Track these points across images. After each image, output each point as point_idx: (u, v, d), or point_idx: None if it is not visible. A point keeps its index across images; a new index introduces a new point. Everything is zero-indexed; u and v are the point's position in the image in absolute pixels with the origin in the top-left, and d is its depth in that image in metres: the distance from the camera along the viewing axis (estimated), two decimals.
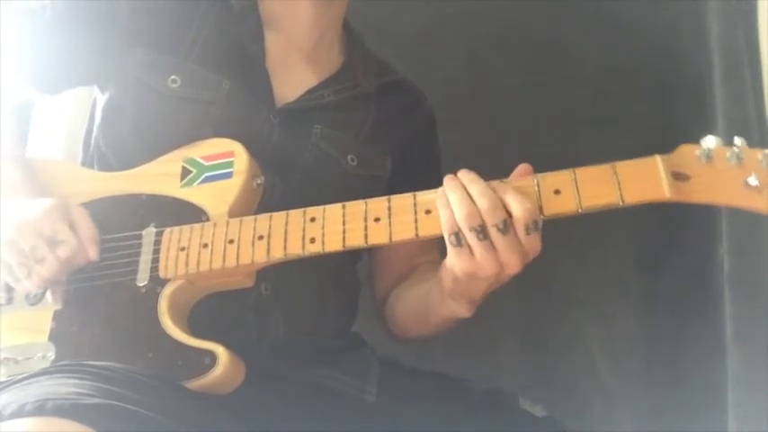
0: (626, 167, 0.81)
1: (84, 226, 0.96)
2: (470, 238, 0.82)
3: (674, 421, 1.46)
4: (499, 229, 0.81)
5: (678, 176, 0.79)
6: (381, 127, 1.17)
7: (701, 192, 0.78)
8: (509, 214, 0.81)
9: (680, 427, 1.42)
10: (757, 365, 1.05)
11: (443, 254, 0.87)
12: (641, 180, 0.79)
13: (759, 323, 1.05)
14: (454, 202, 0.83)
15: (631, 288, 1.63)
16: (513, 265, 0.83)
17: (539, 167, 0.85)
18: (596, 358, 1.61)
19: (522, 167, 0.87)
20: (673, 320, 1.53)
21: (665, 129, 1.53)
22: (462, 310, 0.95)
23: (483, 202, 0.81)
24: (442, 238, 0.91)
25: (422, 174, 1.09)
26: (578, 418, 1.53)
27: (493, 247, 0.82)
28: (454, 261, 0.85)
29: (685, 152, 0.80)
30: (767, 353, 1.04)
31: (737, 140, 0.79)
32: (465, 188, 0.83)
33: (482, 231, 0.81)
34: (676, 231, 1.49)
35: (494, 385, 1.13)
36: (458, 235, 0.83)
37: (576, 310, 1.64)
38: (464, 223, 0.82)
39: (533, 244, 0.82)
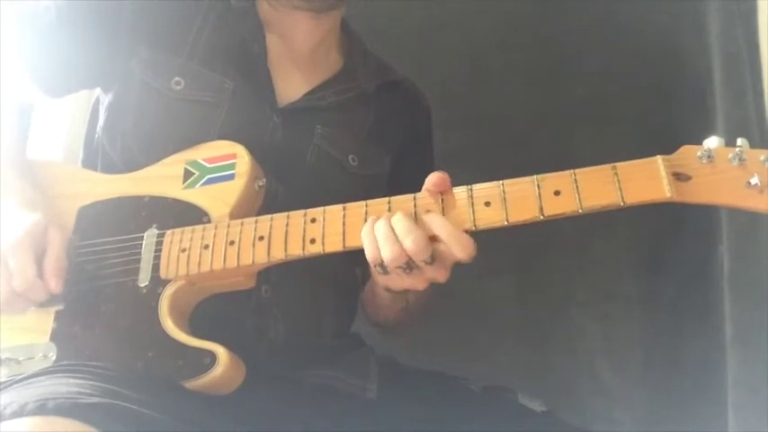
0: (627, 168, 0.80)
1: (51, 256, 0.93)
2: (397, 273, 0.84)
3: (673, 421, 1.46)
4: (427, 263, 0.83)
5: (679, 177, 0.78)
6: (381, 126, 1.18)
7: (703, 192, 0.78)
8: (436, 237, 0.83)
9: (680, 427, 1.42)
10: (757, 366, 1.04)
11: None
12: (642, 180, 0.79)
13: (759, 323, 1.05)
14: (381, 239, 0.83)
15: (631, 288, 1.63)
16: (442, 277, 0.85)
17: (538, 167, 0.85)
18: (596, 358, 1.62)
19: (437, 177, 0.87)
20: (673, 320, 1.54)
21: (665, 129, 1.53)
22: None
23: (410, 246, 0.81)
24: None
25: (417, 171, 1.10)
26: (578, 418, 1.54)
27: (421, 271, 0.84)
28: (386, 282, 0.88)
29: (687, 153, 0.80)
30: (767, 354, 1.03)
31: (740, 141, 0.78)
32: (392, 228, 0.83)
33: (408, 267, 0.83)
34: (676, 232, 1.49)
35: (493, 383, 1.13)
36: (383, 265, 0.84)
37: (575, 310, 1.65)
38: (390, 264, 0.83)
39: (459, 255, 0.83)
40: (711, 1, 1.23)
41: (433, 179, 0.87)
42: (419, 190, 0.88)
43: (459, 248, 0.82)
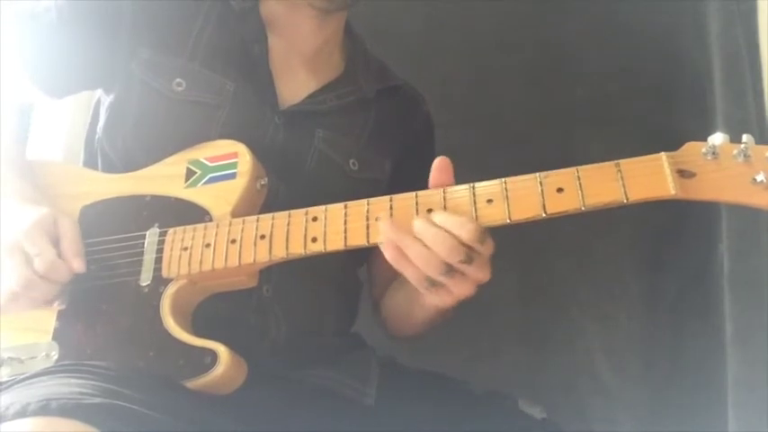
0: (630, 165, 0.79)
1: (68, 239, 0.94)
2: (444, 279, 0.83)
3: (674, 421, 1.46)
4: (464, 262, 0.82)
5: (684, 174, 0.77)
6: (381, 131, 1.18)
7: (707, 189, 0.77)
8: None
9: (680, 427, 1.42)
10: (757, 365, 1.04)
11: None
12: (646, 177, 0.78)
13: (759, 323, 1.05)
14: (416, 256, 0.82)
15: (631, 288, 1.63)
16: (484, 276, 0.84)
17: (538, 167, 0.84)
18: (596, 358, 1.62)
19: (440, 161, 0.88)
20: (673, 320, 1.54)
21: (665, 129, 1.53)
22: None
23: (441, 250, 0.81)
24: None
25: (419, 175, 1.11)
26: (578, 419, 1.54)
27: (464, 274, 0.83)
28: (435, 300, 0.87)
29: (691, 149, 0.79)
30: (767, 353, 1.03)
31: (745, 138, 0.77)
32: (420, 240, 0.83)
33: (450, 270, 0.82)
34: (677, 231, 1.49)
35: (493, 385, 1.13)
36: (429, 279, 0.83)
37: (575, 310, 1.64)
38: (434, 272, 0.82)
39: (489, 249, 0.83)
40: (711, 1, 1.23)
41: (436, 163, 0.88)
42: None
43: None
